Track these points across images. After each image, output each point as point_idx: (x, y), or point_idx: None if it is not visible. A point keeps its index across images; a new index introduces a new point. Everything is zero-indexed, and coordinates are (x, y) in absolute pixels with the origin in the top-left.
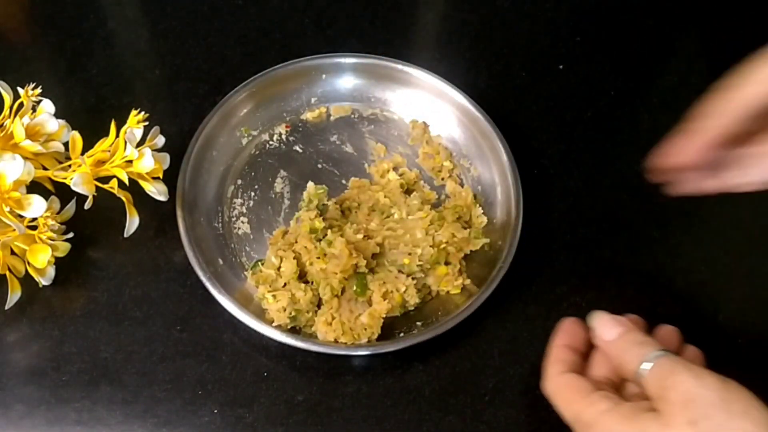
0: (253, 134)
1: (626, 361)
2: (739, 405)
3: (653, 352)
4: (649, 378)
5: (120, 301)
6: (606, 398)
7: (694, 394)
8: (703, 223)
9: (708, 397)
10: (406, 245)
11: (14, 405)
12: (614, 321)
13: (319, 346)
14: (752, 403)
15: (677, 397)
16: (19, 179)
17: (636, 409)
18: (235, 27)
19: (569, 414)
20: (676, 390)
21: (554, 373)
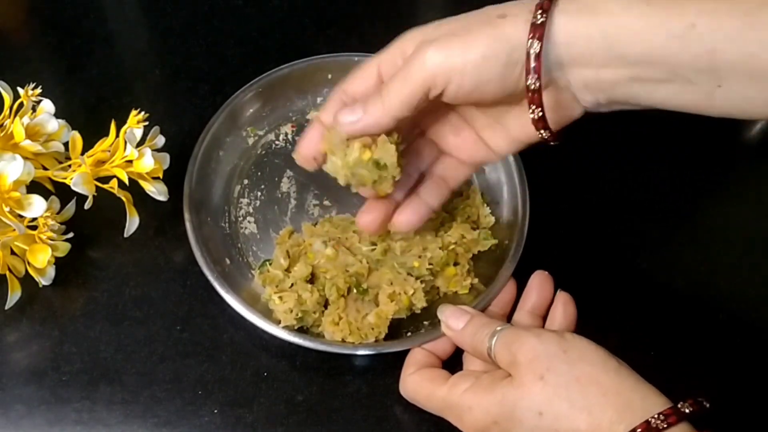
0: (259, 134)
1: (478, 343)
2: (576, 351)
3: (496, 327)
4: (497, 350)
5: (120, 301)
6: (464, 377)
7: (537, 351)
8: (707, 223)
9: (549, 351)
10: (416, 247)
11: (14, 405)
12: (460, 311)
13: (327, 345)
14: (588, 347)
15: (523, 358)
16: (19, 179)
17: (494, 379)
18: (235, 27)
19: (435, 405)
20: (521, 352)
21: (407, 374)
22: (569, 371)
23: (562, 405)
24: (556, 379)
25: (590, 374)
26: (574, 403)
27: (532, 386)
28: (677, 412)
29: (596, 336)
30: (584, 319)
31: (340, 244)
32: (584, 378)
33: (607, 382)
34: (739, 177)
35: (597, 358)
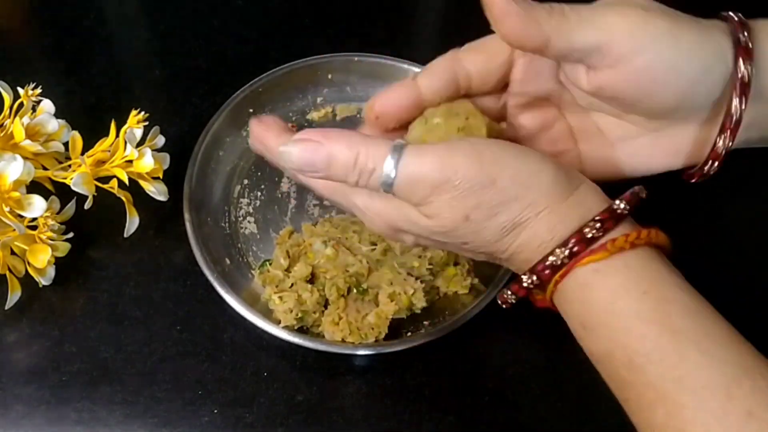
0: None
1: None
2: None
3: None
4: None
5: (120, 301)
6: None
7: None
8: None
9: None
10: (416, 247)
11: (14, 405)
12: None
13: (327, 345)
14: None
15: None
16: (19, 179)
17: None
18: (235, 27)
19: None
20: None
21: None
22: (494, 199)
23: (487, 237)
24: (479, 216)
25: (518, 196)
26: (501, 234)
27: (456, 228)
28: (613, 214)
29: None
30: None
31: (340, 244)
32: (511, 204)
33: (538, 199)
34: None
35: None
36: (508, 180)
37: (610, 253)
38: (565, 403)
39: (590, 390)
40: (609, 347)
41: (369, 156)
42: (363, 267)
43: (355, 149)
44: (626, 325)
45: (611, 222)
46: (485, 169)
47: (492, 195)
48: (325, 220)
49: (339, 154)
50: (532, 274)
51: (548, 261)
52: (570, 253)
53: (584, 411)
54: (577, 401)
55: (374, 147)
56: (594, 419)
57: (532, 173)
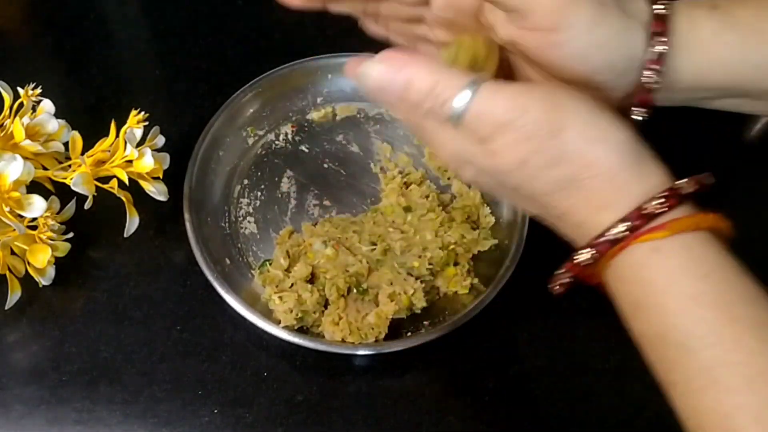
0: (259, 134)
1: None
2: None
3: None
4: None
5: (120, 301)
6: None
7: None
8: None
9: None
10: (416, 247)
11: (14, 405)
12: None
13: (327, 345)
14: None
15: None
16: (19, 179)
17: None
18: (235, 27)
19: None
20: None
21: None
22: (556, 148)
23: (541, 187)
24: (538, 162)
25: (581, 153)
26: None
27: (513, 170)
28: (677, 193)
29: (599, 336)
30: (587, 319)
31: (340, 244)
32: (573, 158)
33: (600, 161)
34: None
35: (594, 129)
36: (575, 133)
37: (672, 232)
38: (565, 403)
39: (590, 390)
40: (662, 329)
41: (447, 86)
42: (363, 267)
43: (435, 76)
44: (683, 307)
45: (675, 200)
46: (555, 115)
47: (555, 143)
48: (325, 220)
49: (418, 80)
50: (590, 249)
51: (606, 235)
52: (630, 227)
53: (584, 411)
54: (577, 401)
55: (454, 78)
56: (594, 419)
57: (602, 131)
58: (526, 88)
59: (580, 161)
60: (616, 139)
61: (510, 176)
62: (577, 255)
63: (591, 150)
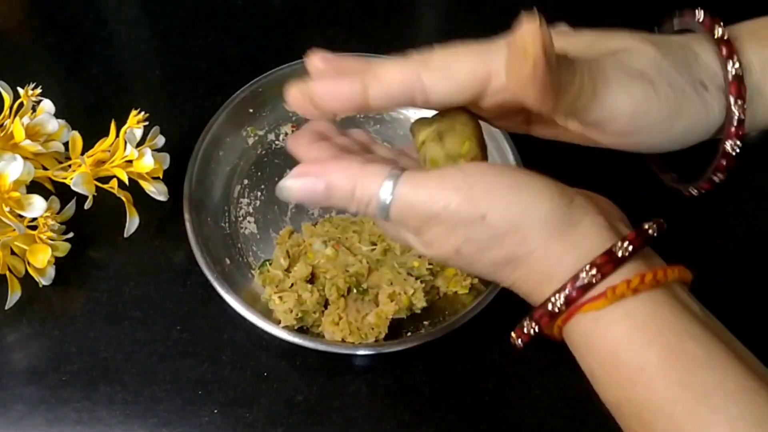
0: (259, 134)
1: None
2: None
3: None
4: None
5: (120, 301)
6: None
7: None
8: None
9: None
10: None
11: (14, 405)
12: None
13: (327, 345)
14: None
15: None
16: (19, 179)
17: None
18: (235, 27)
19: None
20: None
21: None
22: (483, 234)
23: (482, 269)
24: (470, 249)
25: (509, 234)
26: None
27: (449, 258)
28: (613, 257)
29: None
30: None
31: (340, 244)
32: (503, 241)
33: (530, 237)
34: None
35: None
36: (498, 216)
37: (610, 301)
38: (565, 403)
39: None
40: (617, 398)
41: (365, 188)
42: (363, 267)
43: (352, 181)
44: (632, 377)
45: (610, 266)
46: (474, 203)
47: (481, 230)
48: (325, 220)
49: (337, 188)
50: (531, 321)
51: (546, 307)
52: (566, 300)
53: (584, 411)
54: (577, 401)
55: (371, 178)
56: (594, 419)
57: (525, 209)
58: (441, 177)
59: (511, 242)
60: (542, 213)
61: (451, 262)
62: (522, 326)
63: (517, 230)
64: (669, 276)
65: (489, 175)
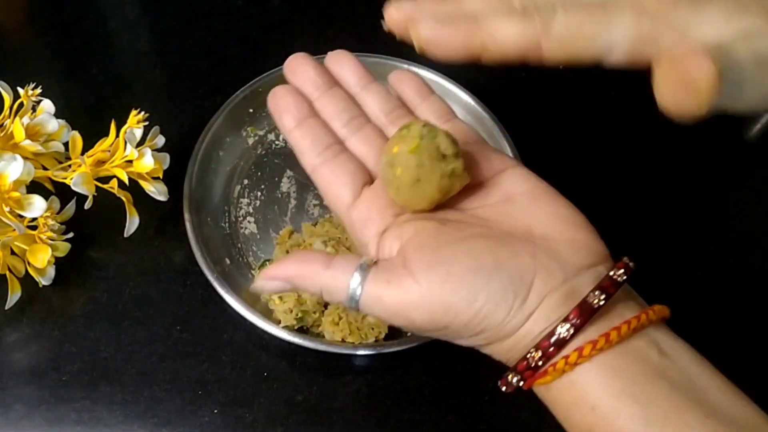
0: (259, 134)
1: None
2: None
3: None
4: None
5: (120, 301)
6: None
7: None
8: (706, 222)
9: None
10: None
11: (14, 405)
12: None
13: (327, 345)
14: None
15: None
16: (19, 179)
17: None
18: (235, 27)
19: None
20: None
21: None
22: (448, 336)
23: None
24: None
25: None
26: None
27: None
28: (554, 342)
29: None
30: None
31: (340, 244)
32: (462, 339)
33: (485, 336)
34: (739, 177)
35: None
36: (460, 326)
37: (554, 377)
38: None
39: None
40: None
41: (331, 293)
42: None
43: (318, 287)
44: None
45: (554, 350)
46: (436, 320)
47: (448, 333)
48: (325, 220)
49: (305, 290)
50: (505, 380)
51: (507, 380)
52: (520, 379)
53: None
54: None
55: (335, 282)
56: None
57: (483, 317)
58: (403, 292)
59: (470, 341)
60: (497, 317)
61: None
62: (498, 384)
63: (477, 334)
64: (612, 338)
65: (444, 287)
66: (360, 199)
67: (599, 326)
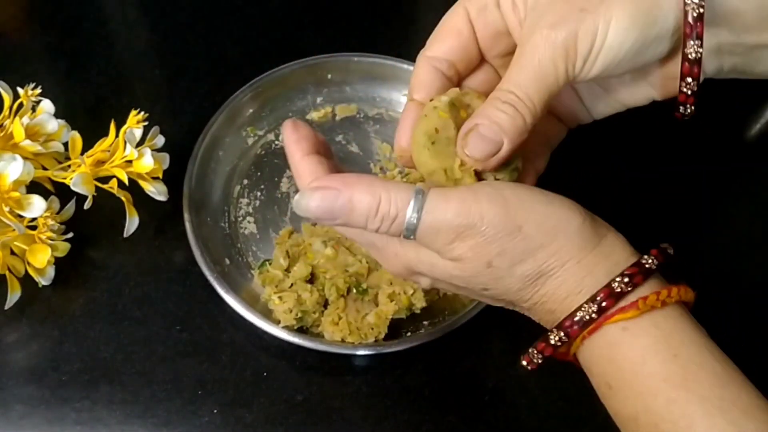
0: (259, 134)
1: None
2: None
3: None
4: (422, 239)
5: (120, 301)
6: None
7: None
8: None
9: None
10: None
11: (14, 405)
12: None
13: (327, 345)
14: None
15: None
16: (19, 179)
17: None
18: (235, 27)
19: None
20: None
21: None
22: (519, 246)
23: (510, 284)
24: (502, 263)
25: (543, 246)
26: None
27: (478, 273)
28: (642, 269)
29: None
30: None
31: (340, 244)
32: (537, 253)
33: (564, 249)
34: (739, 177)
35: (552, 219)
36: (534, 227)
37: (641, 311)
38: (564, 403)
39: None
40: (635, 410)
41: (391, 202)
42: (363, 267)
43: (377, 195)
44: (654, 388)
45: (640, 277)
46: (511, 215)
47: (517, 242)
48: None
49: (359, 202)
50: (559, 331)
51: (576, 317)
52: (599, 309)
53: (584, 411)
54: (577, 401)
55: (396, 192)
56: (594, 419)
57: (560, 220)
58: (473, 190)
59: (545, 254)
60: (575, 225)
61: (476, 279)
62: (548, 338)
63: (553, 241)
64: (688, 293)
65: (520, 189)
66: None
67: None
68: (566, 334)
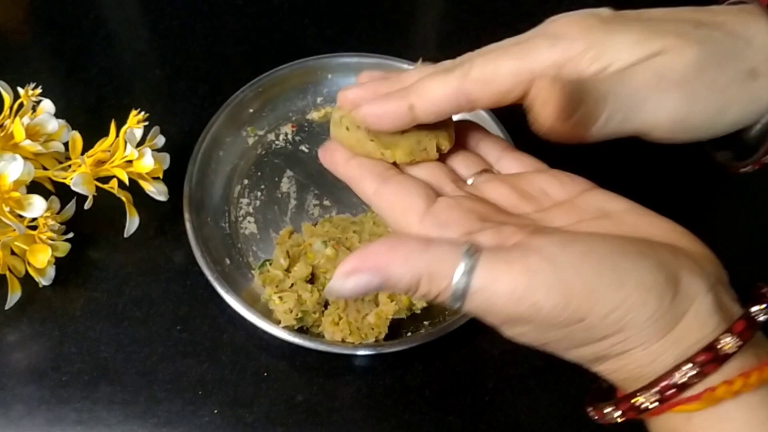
0: (259, 134)
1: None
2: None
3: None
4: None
5: (120, 301)
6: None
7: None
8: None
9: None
10: None
11: (14, 405)
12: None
13: (327, 345)
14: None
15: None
16: (19, 179)
17: None
18: (235, 27)
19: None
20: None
21: None
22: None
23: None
24: (559, 346)
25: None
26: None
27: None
28: (716, 355)
29: None
30: None
31: (340, 244)
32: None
33: (632, 338)
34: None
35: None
36: (599, 319)
37: (706, 404)
38: (564, 403)
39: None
40: None
41: (433, 282)
42: None
43: (416, 275)
44: None
45: (713, 366)
46: (573, 307)
47: (577, 332)
48: (325, 220)
49: (397, 281)
50: (616, 409)
51: (635, 401)
52: (660, 399)
53: (583, 411)
54: (577, 401)
55: (440, 269)
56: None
57: (630, 308)
58: (527, 270)
59: (607, 343)
60: (648, 313)
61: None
62: (605, 411)
63: (619, 332)
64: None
65: (584, 266)
66: (435, 206)
67: (750, 355)
68: (623, 414)
